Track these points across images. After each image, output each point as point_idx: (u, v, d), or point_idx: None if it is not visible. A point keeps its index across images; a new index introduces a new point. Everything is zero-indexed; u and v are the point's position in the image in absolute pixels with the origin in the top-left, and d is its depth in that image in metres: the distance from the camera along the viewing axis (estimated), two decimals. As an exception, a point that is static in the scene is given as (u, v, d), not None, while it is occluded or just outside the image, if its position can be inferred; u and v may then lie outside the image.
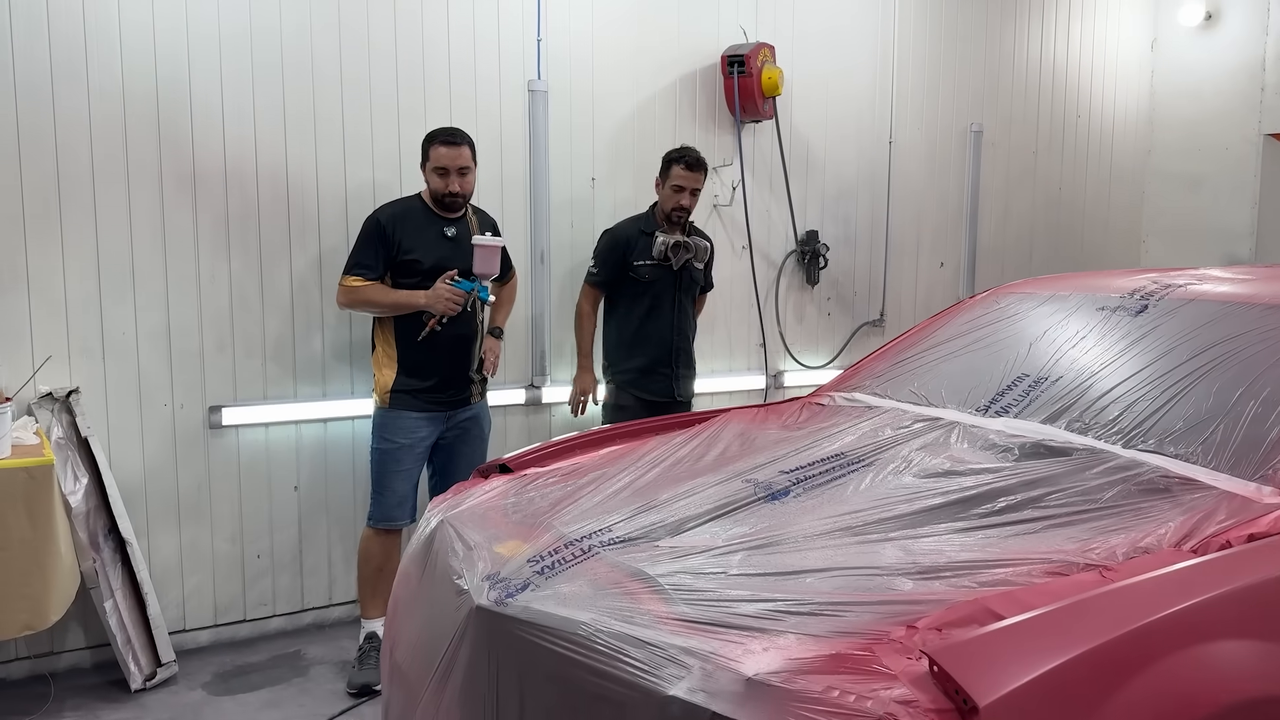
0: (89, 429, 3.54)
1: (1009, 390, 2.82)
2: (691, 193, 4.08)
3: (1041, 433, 2.55)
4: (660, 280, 4.13)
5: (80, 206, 3.57)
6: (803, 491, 2.35)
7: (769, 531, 2.13)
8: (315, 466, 4.08)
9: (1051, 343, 2.95)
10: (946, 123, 5.56)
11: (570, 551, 2.14)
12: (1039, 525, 2.09)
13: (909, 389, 3.07)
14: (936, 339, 3.31)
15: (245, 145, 3.82)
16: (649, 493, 2.47)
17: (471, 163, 3.67)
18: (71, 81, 3.51)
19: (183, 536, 3.86)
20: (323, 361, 4.03)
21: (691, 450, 2.83)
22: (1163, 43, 6.26)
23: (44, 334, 3.55)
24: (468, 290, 3.57)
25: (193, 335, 3.79)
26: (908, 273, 5.54)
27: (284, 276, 3.93)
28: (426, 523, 2.61)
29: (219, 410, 3.85)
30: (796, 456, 2.56)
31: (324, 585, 4.15)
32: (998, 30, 5.68)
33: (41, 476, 3.02)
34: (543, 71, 4.35)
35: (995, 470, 2.35)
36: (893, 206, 5.41)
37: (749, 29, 4.83)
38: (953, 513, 2.17)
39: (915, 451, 2.52)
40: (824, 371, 5.27)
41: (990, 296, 3.49)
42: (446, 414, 3.77)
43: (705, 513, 2.27)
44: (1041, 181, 5.98)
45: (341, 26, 3.93)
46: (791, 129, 5.00)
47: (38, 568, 3.02)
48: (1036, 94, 5.89)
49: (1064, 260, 6.09)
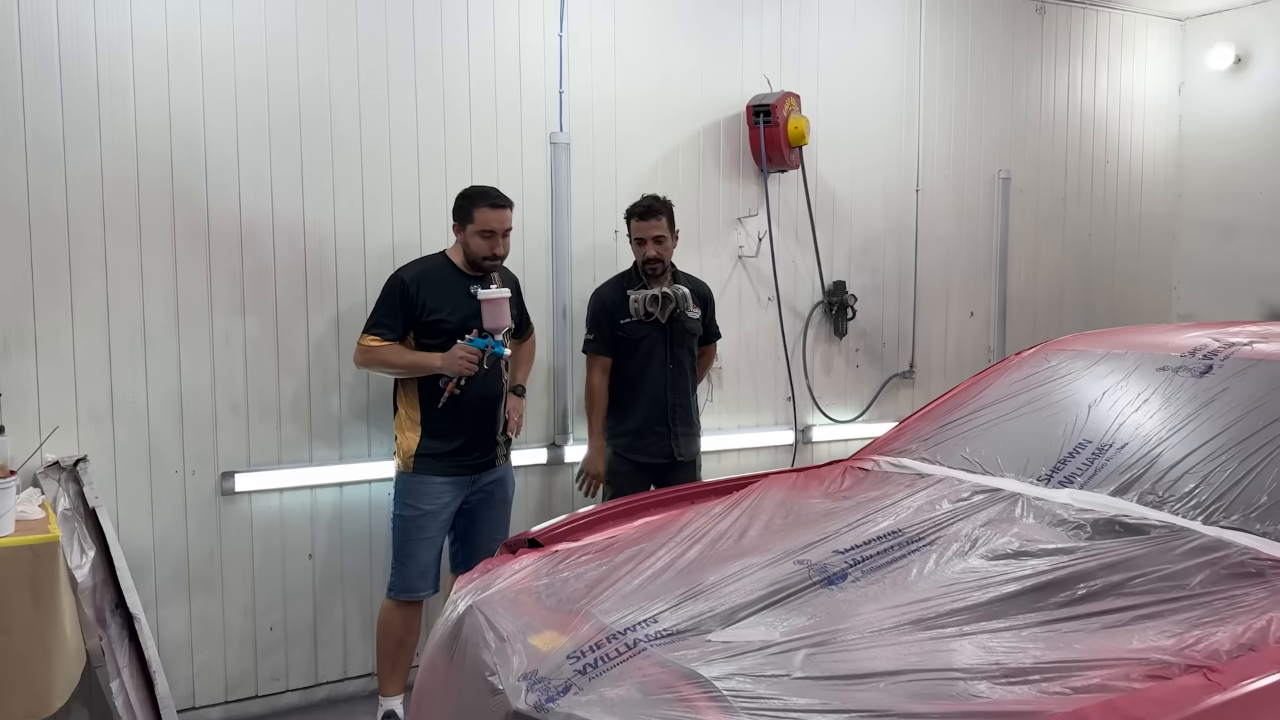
0: (97, 499, 3.39)
1: (1071, 458, 2.66)
2: (655, 240, 3.90)
3: (1113, 507, 2.39)
4: (649, 336, 3.96)
5: (91, 267, 3.45)
6: (861, 575, 2.19)
7: (829, 624, 1.97)
8: (331, 533, 3.92)
9: (1112, 406, 2.79)
10: (974, 169, 5.45)
11: (614, 647, 1.98)
12: (1126, 617, 1.93)
13: (961, 454, 2.91)
14: (985, 399, 3.16)
15: (261, 201, 3.70)
16: (693, 574, 2.31)
17: (511, 224, 3.56)
18: (83, 136, 3.40)
19: (193, 609, 3.70)
20: (339, 423, 3.89)
21: (733, 523, 2.68)
22: (1190, 86, 6.15)
23: (52, 400, 3.42)
24: (481, 348, 3.42)
25: (205, 398, 3.66)
26: (937, 323, 5.39)
27: (300, 337, 3.80)
28: (453, 606, 2.45)
29: (232, 476, 3.70)
30: (850, 534, 2.40)
31: (339, 658, 3.97)
32: (1024, 75, 5.58)
33: (46, 554, 2.87)
34: (565, 123, 4.25)
35: (1069, 551, 2.19)
36: (921, 256, 5.28)
37: (773, 78, 4.73)
38: (1030, 601, 2.00)
39: (979, 528, 2.36)
40: (853, 426, 5.10)
41: (1038, 354, 3.34)
42: (471, 478, 3.62)
43: (757, 600, 2.11)
44: (1071, 228, 5.85)
45: (360, 79, 3.84)
46: (817, 178, 4.88)
47: (41, 651, 2.86)
48: (1064, 139, 5.78)
49: (1095, 309, 5.94)
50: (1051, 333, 5.71)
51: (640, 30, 4.41)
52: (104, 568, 3.38)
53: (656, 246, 3.90)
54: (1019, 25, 5.55)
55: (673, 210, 3.96)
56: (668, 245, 3.93)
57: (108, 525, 3.39)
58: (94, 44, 3.41)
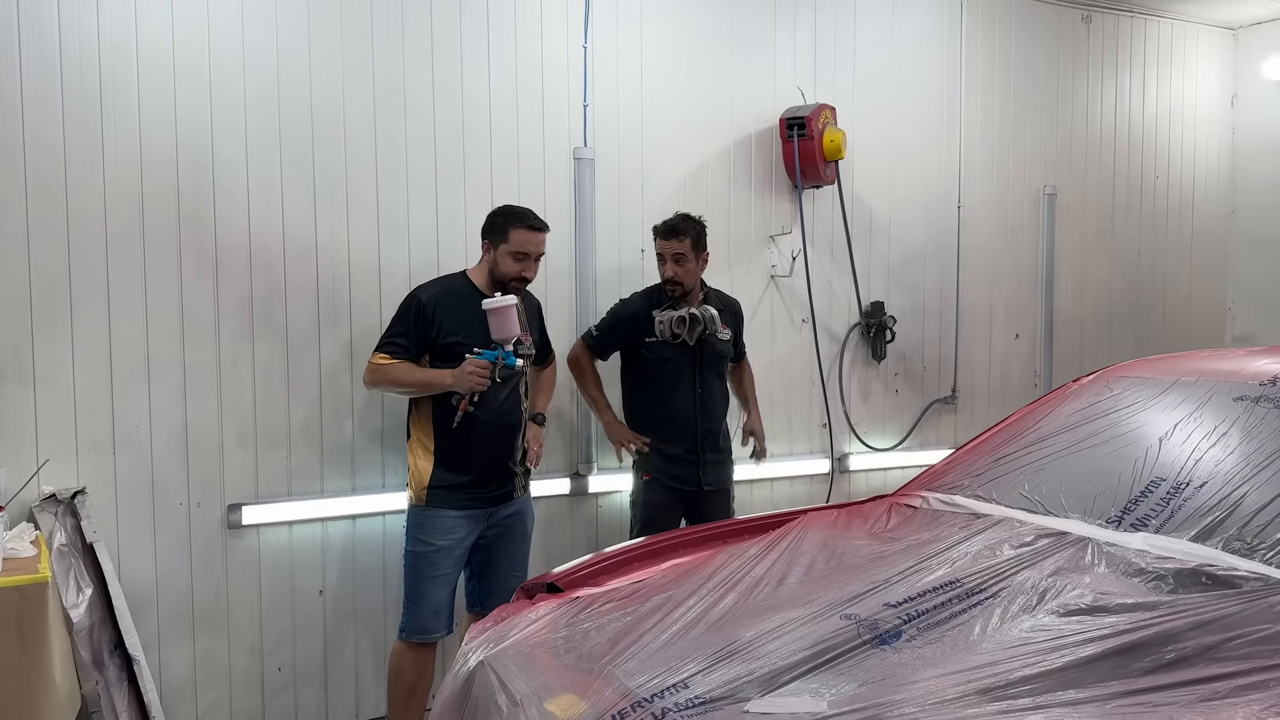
0: (95, 533, 3.21)
1: (1143, 498, 2.41)
2: (674, 259, 3.70)
3: (1196, 555, 2.14)
4: (676, 359, 3.75)
5: (92, 289, 3.29)
6: (917, 634, 1.96)
7: (884, 692, 1.74)
8: (343, 568, 3.73)
9: (1187, 439, 2.54)
10: (1018, 185, 5.20)
11: (639, 717, 1.75)
12: (1226, 687, 1.68)
13: (1019, 492, 2.67)
14: (1043, 431, 2.91)
15: (271, 221, 3.54)
16: (727, 629, 2.08)
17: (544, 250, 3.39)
18: (85, 153, 3.25)
19: (197, 648, 3.51)
20: (352, 453, 3.70)
21: (770, 568, 2.45)
22: (1244, 97, 5.88)
23: (50, 430, 3.25)
24: (491, 360, 3.21)
25: (212, 427, 3.48)
26: (980, 345, 5.14)
27: (312, 362, 3.62)
28: (464, 660, 2.24)
29: (239, 509, 3.52)
30: (902, 584, 2.16)
31: (350, 700, 3.77)
32: (1069, 86, 5.34)
33: (34, 596, 2.68)
34: (589, 138, 4.06)
35: (1151, 607, 1.95)
36: (963, 274, 5.04)
37: (807, 89, 4.52)
38: (1111, 667, 1.76)
39: (1046, 578, 2.12)
40: (892, 454, 4.86)
41: (1099, 381, 3.09)
42: (488, 511, 3.41)
43: (800, 662, 1.89)
44: (1120, 246, 5.59)
45: (376, 92, 3.67)
46: (853, 194, 4.66)
47: (28, 700, 2.67)
48: (1112, 154, 5.52)
49: (1146, 331, 5.66)
50: (1100, 356, 5.45)
51: (668, 41, 4.23)
52: (102, 606, 3.21)
53: (675, 267, 3.69)
54: (1064, 35, 5.31)
55: (702, 232, 3.76)
56: (689, 267, 3.72)
57: (106, 561, 3.22)
58: (97, 57, 3.26)
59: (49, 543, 3.11)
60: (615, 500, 4.18)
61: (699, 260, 3.75)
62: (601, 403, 3.83)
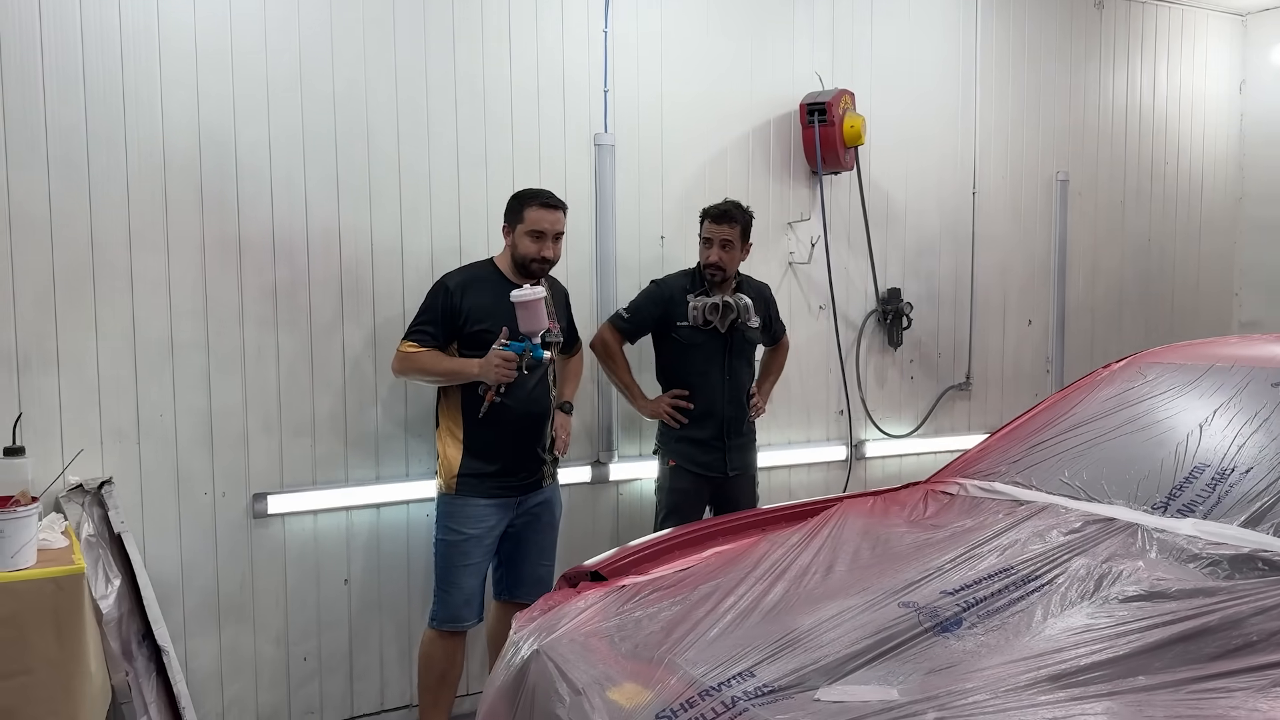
0: (123, 524, 3.19)
1: (1189, 484, 2.42)
2: (722, 246, 3.69)
3: (1248, 540, 2.15)
4: (707, 344, 3.75)
5: (116, 279, 3.26)
6: (978, 621, 1.96)
7: (953, 681, 1.74)
8: (368, 557, 3.71)
9: (1228, 425, 2.55)
10: (1032, 171, 5.20)
11: (709, 706, 1.75)
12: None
13: (1060, 479, 2.67)
14: (1078, 417, 2.92)
15: (295, 210, 3.50)
16: (784, 618, 2.08)
17: (563, 229, 3.35)
18: (108, 141, 3.21)
19: (223, 639, 3.49)
20: (376, 441, 3.68)
21: (814, 555, 2.45)
22: (1252, 84, 5.89)
23: (75, 420, 3.22)
24: (519, 352, 3.20)
25: (236, 416, 3.45)
26: (994, 332, 5.15)
27: (336, 351, 3.59)
28: (514, 649, 2.23)
29: (264, 498, 3.49)
30: (956, 572, 2.16)
31: (376, 689, 3.75)
32: (1082, 72, 5.33)
33: (71, 587, 2.65)
34: (609, 124, 4.03)
35: (1210, 592, 1.95)
36: (977, 261, 5.04)
37: (824, 74, 4.50)
38: (1180, 654, 1.77)
39: (1101, 565, 2.12)
40: (908, 440, 4.86)
41: (1131, 367, 3.10)
42: (517, 499, 3.40)
43: (864, 650, 1.88)
44: (1130, 233, 5.60)
45: (398, 82, 3.63)
46: (870, 180, 4.65)
47: (65, 693, 2.65)
48: (1124, 140, 5.53)
49: (1156, 317, 5.68)
50: (1111, 343, 5.47)
51: (687, 25, 4.20)
52: (130, 597, 3.18)
53: (721, 252, 3.68)
54: (1077, 20, 5.31)
55: (751, 222, 3.77)
56: (734, 254, 3.71)
57: (134, 552, 3.19)
58: (119, 45, 3.21)
59: (77, 533, 3.08)
60: (636, 488, 4.17)
61: (743, 249, 3.75)
62: (635, 388, 3.82)
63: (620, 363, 3.82)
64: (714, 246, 3.71)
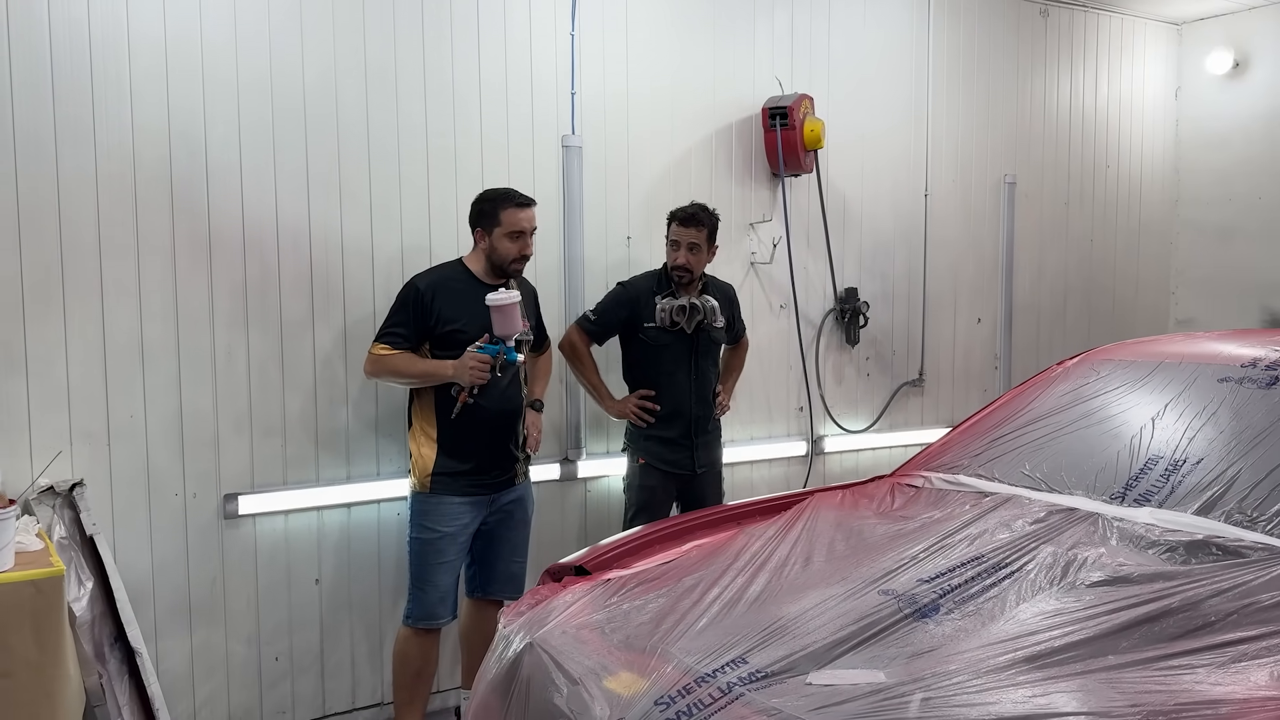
0: (94, 526, 3.17)
1: (1144, 475, 2.55)
2: (689, 248, 3.77)
3: (1201, 528, 2.28)
4: (674, 345, 3.83)
5: (85, 279, 3.23)
6: (954, 607, 2.06)
7: (937, 664, 1.84)
8: (338, 556, 3.72)
9: (1178, 419, 2.69)
10: (981, 173, 5.37)
11: (705, 692, 1.83)
12: (1254, 648, 1.81)
13: (1021, 471, 2.80)
14: (1035, 412, 3.05)
15: (265, 209, 3.50)
16: (770, 608, 2.16)
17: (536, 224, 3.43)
18: (77, 139, 3.19)
19: (194, 640, 3.48)
20: (347, 441, 3.69)
21: (792, 547, 2.54)
22: (1188, 91, 6.13)
23: (44, 422, 3.19)
24: (493, 354, 3.24)
25: (207, 417, 3.45)
26: (945, 330, 5.30)
27: (306, 350, 3.60)
28: (505, 643, 2.28)
29: (235, 498, 3.49)
30: (930, 561, 2.27)
31: (347, 688, 3.77)
32: (1028, 78, 5.51)
33: (50, 590, 2.64)
34: (576, 125, 4.09)
35: (1170, 576, 2.08)
36: (930, 261, 5.19)
37: (784, 80, 4.60)
38: (1146, 634, 1.88)
39: (1067, 552, 2.23)
40: (865, 436, 5.00)
41: (1084, 364, 3.24)
42: (490, 497, 3.44)
43: (849, 636, 1.97)
44: (1074, 233, 5.80)
45: (367, 80, 3.65)
46: (828, 183, 4.77)
47: (45, 696, 2.63)
48: (1068, 144, 5.72)
49: (1098, 315, 5.89)
50: (1055, 340, 5.67)
51: (652, 30, 4.27)
52: (103, 599, 3.17)
53: (689, 255, 3.76)
54: (1023, 28, 5.48)
55: (717, 225, 3.85)
56: (701, 256, 3.79)
57: (106, 554, 3.18)
58: (88, 45, 3.19)
59: (49, 535, 3.05)
60: (604, 485, 4.24)
61: (710, 251, 3.82)
62: (602, 388, 3.88)
63: (588, 364, 3.88)
64: (681, 249, 3.79)
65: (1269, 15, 5.75)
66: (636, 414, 3.81)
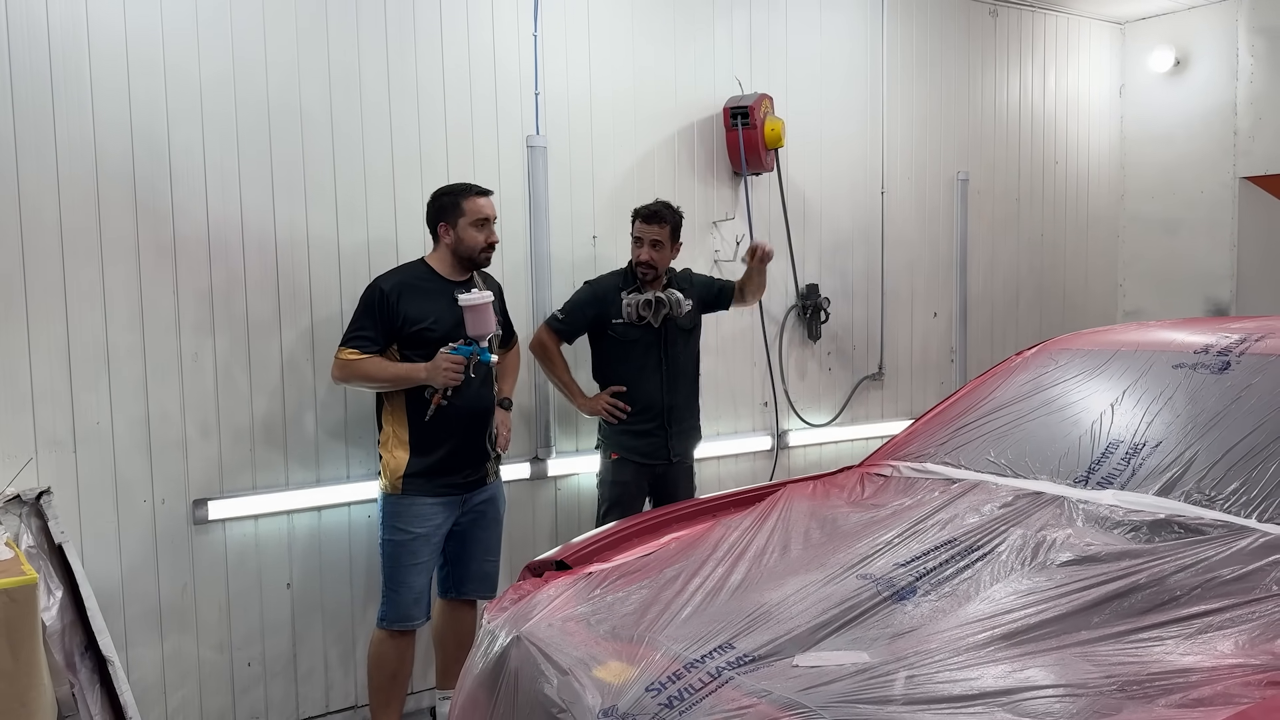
0: (63, 534, 3.12)
1: (1106, 458, 2.64)
2: (652, 245, 3.82)
3: (1163, 507, 2.37)
4: (642, 339, 3.88)
5: (48, 284, 3.19)
6: (931, 589, 2.12)
7: (918, 643, 1.89)
8: (309, 560, 3.71)
9: (1137, 404, 2.79)
10: (935, 171, 5.47)
11: (695, 677, 1.87)
12: (1219, 620, 1.90)
13: (986, 458, 2.87)
14: (997, 401, 3.13)
15: (229, 211, 3.48)
16: (751, 595, 2.21)
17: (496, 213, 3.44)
18: (37, 143, 3.15)
19: (165, 647, 3.45)
20: (316, 444, 3.68)
21: (769, 537, 2.59)
22: (1131, 88, 6.31)
23: (8, 429, 3.15)
24: (466, 355, 3.26)
25: (174, 422, 3.42)
26: (903, 324, 5.40)
27: (273, 353, 3.59)
28: (490, 638, 2.30)
29: (204, 504, 3.47)
30: (904, 546, 2.33)
31: (320, 692, 3.76)
32: (979, 77, 5.63)
33: (24, 598, 2.60)
34: (541, 126, 4.11)
35: (1136, 554, 2.16)
36: (887, 257, 5.28)
37: (744, 80, 4.66)
38: (1116, 610, 1.96)
39: (1036, 533, 2.31)
40: (828, 429, 5.07)
41: (1042, 354, 3.34)
42: (462, 498, 3.45)
43: (831, 620, 2.03)
44: (1025, 228, 5.93)
45: (331, 79, 3.64)
46: (788, 181, 4.84)
47: (21, 706, 2.60)
48: (1018, 141, 5.85)
49: (1049, 308, 6.04)
50: (1009, 332, 5.80)
51: (613, 31, 4.30)
52: (72, 608, 3.12)
53: (652, 251, 3.80)
54: (974, 27, 5.60)
55: (681, 222, 3.90)
56: (665, 253, 3.84)
57: (75, 562, 3.13)
58: (47, 45, 3.15)
59: (17, 544, 3.01)
60: (574, 483, 4.27)
61: (673, 248, 3.87)
62: (574, 386, 3.91)
63: (558, 363, 3.90)
64: (645, 246, 3.83)
65: (1208, 15, 5.94)
66: (608, 411, 3.85)
